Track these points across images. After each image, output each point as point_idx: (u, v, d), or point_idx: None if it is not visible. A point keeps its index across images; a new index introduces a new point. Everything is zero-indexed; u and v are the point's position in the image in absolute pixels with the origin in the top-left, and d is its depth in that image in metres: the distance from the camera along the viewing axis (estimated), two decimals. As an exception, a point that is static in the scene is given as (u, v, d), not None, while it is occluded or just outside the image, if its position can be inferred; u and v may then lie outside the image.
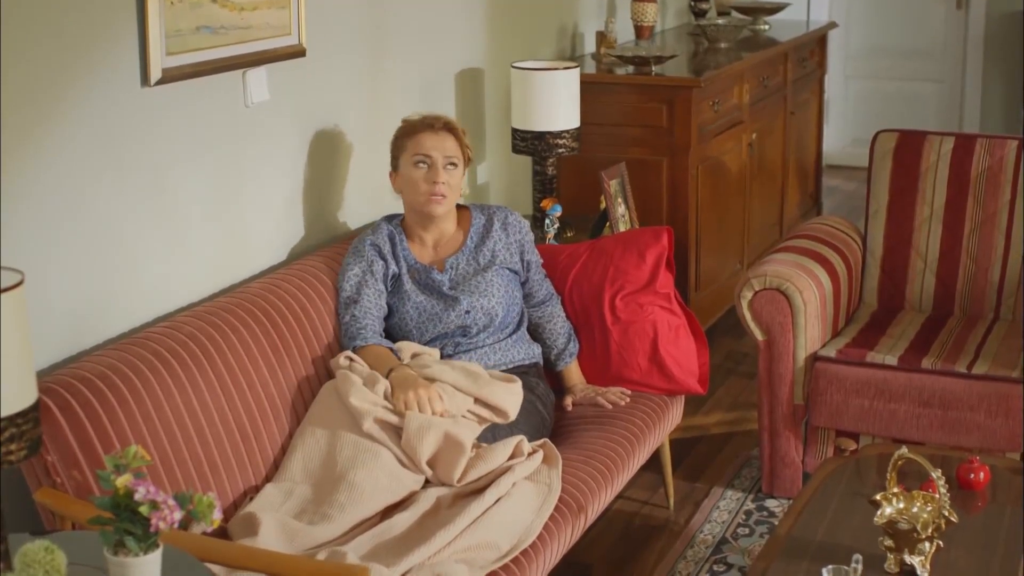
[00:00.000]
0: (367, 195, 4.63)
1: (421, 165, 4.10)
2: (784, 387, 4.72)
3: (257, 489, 3.52)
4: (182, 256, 3.76)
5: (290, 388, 3.72)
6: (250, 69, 3.98)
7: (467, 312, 4.09)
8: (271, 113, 4.10)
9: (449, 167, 4.12)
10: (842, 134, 10.07)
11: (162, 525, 2.45)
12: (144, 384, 3.28)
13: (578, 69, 5.21)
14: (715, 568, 4.39)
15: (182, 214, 3.75)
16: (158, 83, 3.56)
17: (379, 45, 4.64)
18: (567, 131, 5.14)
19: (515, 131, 5.18)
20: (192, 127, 3.76)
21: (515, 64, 5.19)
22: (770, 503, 4.81)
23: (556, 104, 5.12)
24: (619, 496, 4.75)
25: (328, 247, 4.25)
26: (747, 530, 4.62)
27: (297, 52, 4.16)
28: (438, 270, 4.14)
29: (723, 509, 4.78)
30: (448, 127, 4.17)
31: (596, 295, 4.42)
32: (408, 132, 4.16)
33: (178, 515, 2.49)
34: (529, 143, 5.15)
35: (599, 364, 4.41)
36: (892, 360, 4.65)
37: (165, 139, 3.65)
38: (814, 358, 4.71)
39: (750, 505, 4.79)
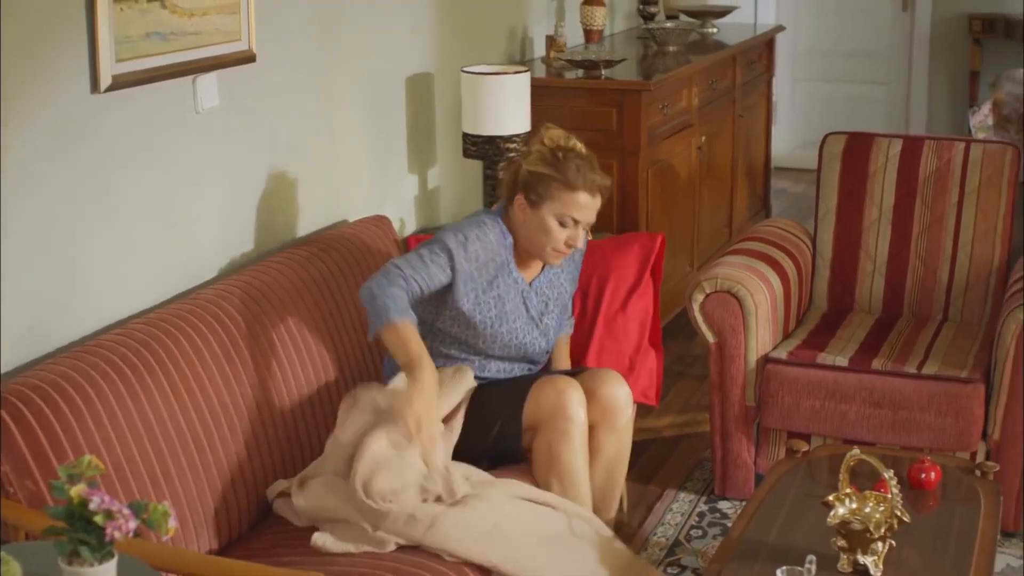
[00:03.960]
0: (318, 201, 4.62)
1: (565, 224, 3.97)
2: (736, 389, 4.74)
3: (213, 496, 3.52)
4: (134, 263, 3.75)
5: (243, 395, 3.71)
6: (200, 75, 3.96)
7: (545, 351, 4.13)
8: (222, 119, 4.09)
9: (587, 226, 4.03)
10: (790, 136, 10.12)
11: (117, 534, 2.44)
12: (97, 392, 3.26)
13: (528, 73, 5.22)
14: (669, 570, 4.40)
15: (134, 221, 3.73)
16: (108, 89, 3.54)
17: (329, 51, 4.63)
18: (518, 135, 5.15)
19: (466, 135, 5.18)
20: (143, 133, 3.74)
21: (465, 69, 5.19)
22: (723, 505, 4.83)
23: (506, 108, 5.12)
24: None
25: (279, 253, 4.24)
26: (700, 532, 4.64)
27: (247, 58, 4.15)
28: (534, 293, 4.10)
29: (676, 511, 4.80)
30: (604, 192, 4.02)
31: (582, 292, 4.54)
32: (568, 185, 3.93)
33: (133, 524, 2.48)
34: (480, 147, 5.15)
35: (573, 356, 4.45)
36: (843, 361, 4.68)
37: (116, 145, 3.64)
38: (765, 360, 4.73)
39: (703, 507, 4.81)
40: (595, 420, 3.98)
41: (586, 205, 3.96)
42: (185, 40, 3.86)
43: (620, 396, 4.04)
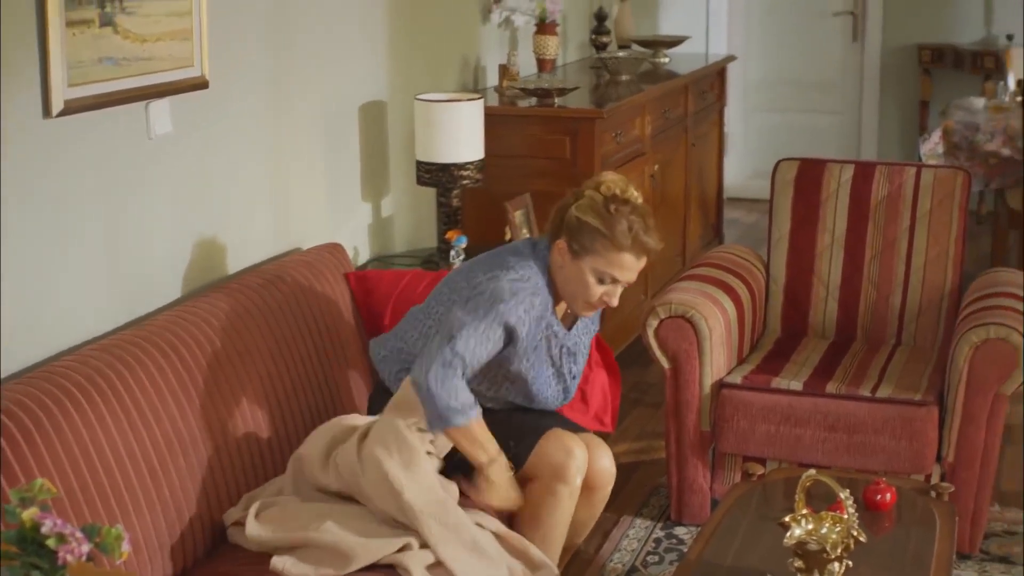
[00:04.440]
0: (272, 229, 4.61)
1: (604, 281, 3.79)
2: (691, 414, 4.74)
3: (167, 522, 3.49)
4: (87, 289, 3.72)
5: (197, 422, 3.68)
6: (153, 101, 3.95)
7: (561, 403, 4.06)
8: (175, 145, 4.07)
9: (626, 285, 3.86)
10: (742, 166, 10.17)
11: (69, 558, 2.41)
12: (50, 418, 3.23)
13: (482, 101, 5.23)
14: (626, 596, 4.40)
15: (87, 246, 3.71)
16: (60, 114, 3.52)
17: (282, 78, 4.62)
18: (471, 163, 5.15)
19: (419, 163, 5.18)
20: (96, 159, 3.72)
21: (419, 96, 5.19)
22: (679, 530, 4.83)
23: (460, 136, 5.13)
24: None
25: (233, 280, 4.22)
26: (657, 558, 4.64)
27: (200, 84, 4.14)
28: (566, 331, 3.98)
29: (632, 537, 4.79)
30: (652, 255, 3.83)
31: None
32: (614, 244, 3.73)
33: (86, 548, 2.46)
34: (434, 175, 5.15)
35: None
36: (797, 385, 4.69)
37: (69, 171, 3.61)
38: (720, 385, 4.74)
39: (659, 533, 4.81)
40: None
41: (630, 267, 3.78)
42: (138, 66, 3.84)
43: (607, 474, 4.04)
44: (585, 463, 3.90)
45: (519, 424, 3.93)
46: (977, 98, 8.25)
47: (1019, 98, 7.33)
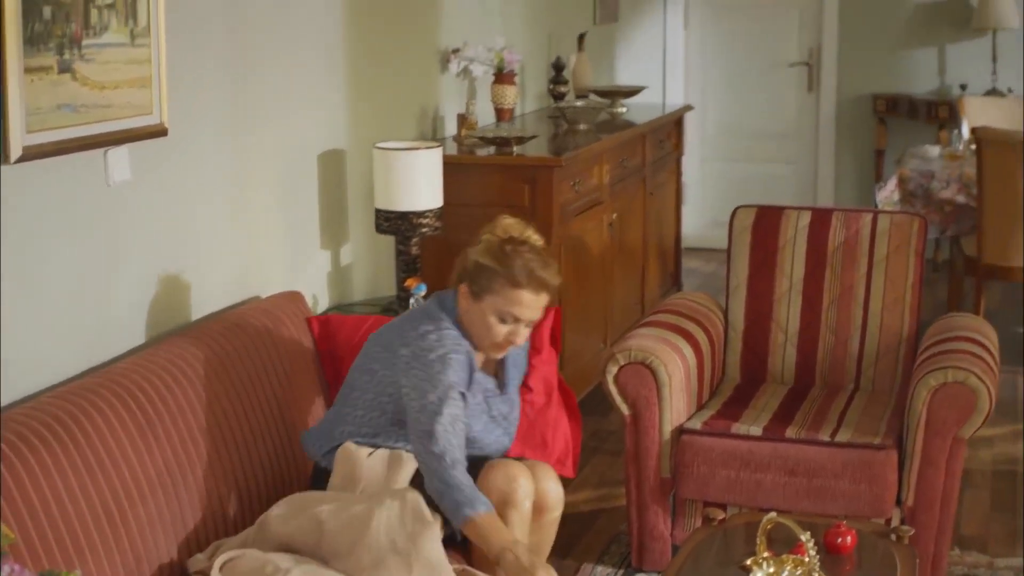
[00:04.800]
0: (231, 276, 4.60)
1: (506, 321, 3.83)
2: (651, 460, 4.75)
3: (126, 570, 3.46)
4: (46, 336, 3.70)
5: (156, 469, 3.66)
6: (112, 148, 3.94)
7: (505, 447, 4.05)
8: (134, 192, 4.07)
9: (530, 324, 3.90)
10: (699, 216, 10.21)
11: (29, 604, 2.40)
12: (8, 466, 3.21)
13: (440, 149, 5.24)
14: (588, 642, 4.38)
15: (45, 293, 3.69)
16: (18, 161, 3.51)
17: (241, 126, 4.63)
18: (430, 211, 5.16)
19: (379, 211, 5.19)
20: (54, 206, 3.71)
21: (378, 144, 5.20)
22: (640, 577, 4.83)
23: (419, 184, 5.14)
24: None
25: (195, 326, 4.21)
26: (618, 604, 4.63)
27: (159, 131, 4.13)
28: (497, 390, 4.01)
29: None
30: (551, 291, 3.88)
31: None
32: (511, 281, 3.79)
33: (45, 593, 2.44)
34: (393, 223, 5.16)
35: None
36: (757, 431, 4.70)
37: (27, 217, 3.60)
38: (680, 431, 4.75)
39: (620, 580, 4.81)
40: None
41: (529, 304, 3.81)
42: (96, 112, 3.84)
43: (554, 495, 4.03)
44: (531, 487, 3.89)
45: None
46: (932, 146, 8.33)
47: (973, 146, 7.39)
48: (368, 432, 3.93)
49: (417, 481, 3.80)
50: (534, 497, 3.92)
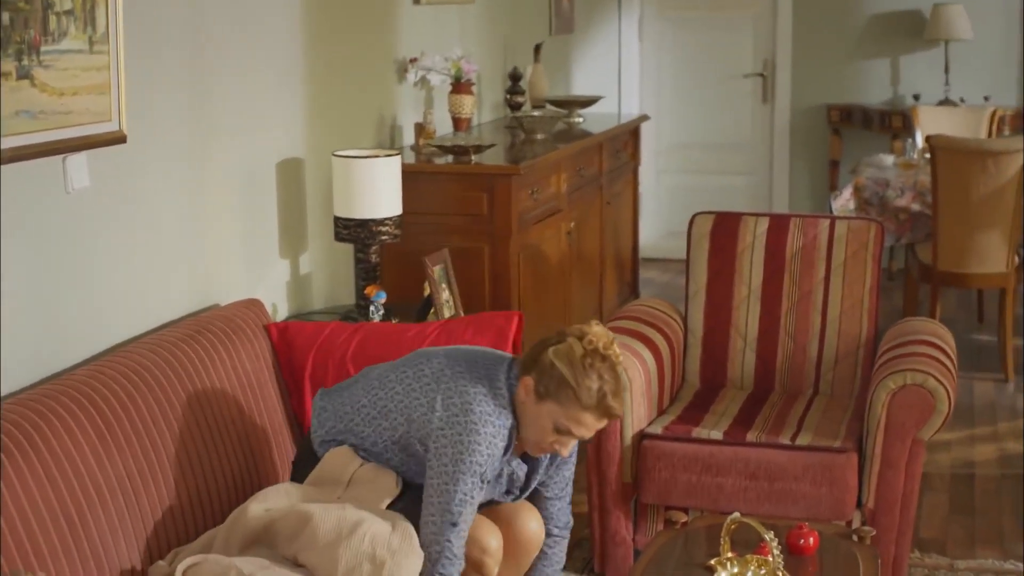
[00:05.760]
0: (190, 284, 4.59)
1: (561, 431, 3.68)
2: (612, 466, 4.75)
3: (86, 577, 3.45)
4: (4, 343, 3.68)
5: (116, 476, 3.64)
6: (70, 155, 3.92)
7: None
8: (92, 200, 4.05)
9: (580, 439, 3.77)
10: (655, 226, 10.24)
11: (-8, 607, 2.38)
12: (-33, 471, 3.19)
13: (399, 156, 5.24)
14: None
15: (4, 300, 3.66)
16: (-23, 166, 3.50)
17: (200, 134, 4.61)
18: (390, 218, 5.16)
19: (338, 219, 5.18)
20: (12, 212, 3.68)
21: (336, 152, 5.20)
22: (603, 582, 4.83)
23: (378, 191, 5.13)
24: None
25: (153, 334, 4.19)
26: (581, 609, 4.63)
27: (118, 138, 4.11)
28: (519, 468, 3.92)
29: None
30: (613, 417, 3.72)
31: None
32: (579, 402, 3.61)
33: (9, 596, 2.42)
34: (352, 231, 5.15)
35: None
36: (717, 435, 4.72)
37: (-15, 224, 3.59)
38: (641, 436, 4.76)
39: (583, 585, 4.81)
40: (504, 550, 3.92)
41: (588, 425, 3.67)
42: (55, 119, 3.82)
43: (536, 539, 4.00)
44: (500, 551, 3.87)
45: None
46: (886, 155, 8.40)
47: (927, 155, 7.44)
48: (382, 461, 3.87)
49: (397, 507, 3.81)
50: (516, 538, 3.93)
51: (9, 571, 3.15)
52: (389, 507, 3.79)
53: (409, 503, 3.79)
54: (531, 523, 3.99)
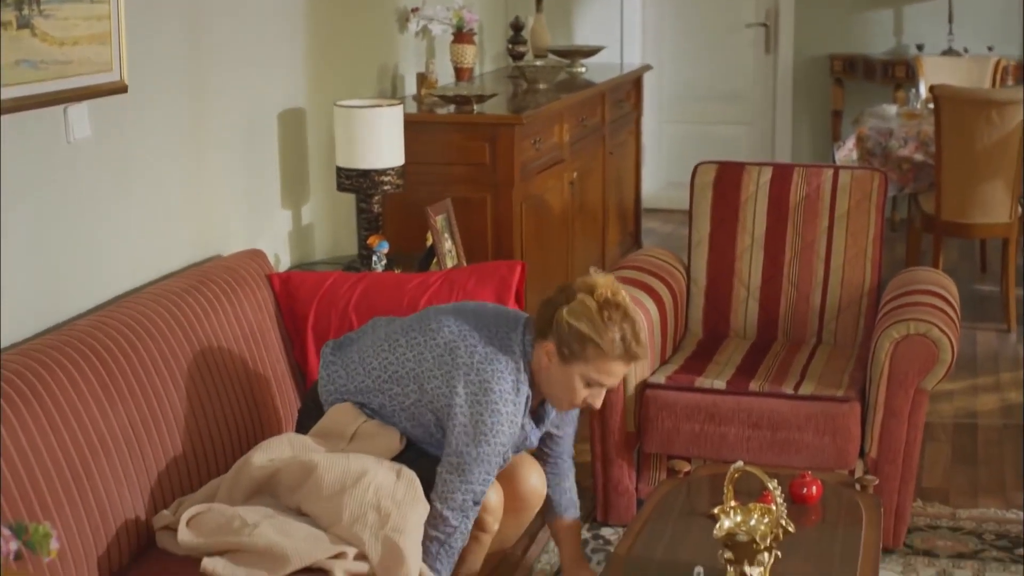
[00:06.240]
0: (192, 235, 4.58)
1: (591, 386, 3.71)
2: (615, 415, 4.75)
3: (92, 527, 3.45)
4: (6, 294, 3.67)
5: (120, 426, 3.64)
6: (71, 105, 3.91)
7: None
8: (93, 150, 4.04)
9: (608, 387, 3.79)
10: (657, 177, 10.21)
11: (-2, 556, 2.38)
12: (-30, 421, 3.19)
13: (401, 106, 5.22)
14: (555, 597, 4.40)
15: (6, 250, 3.66)
16: (-22, 116, 3.49)
17: (201, 84, 4.59)
18: (392, 168, 5.14)
19: (340, 169, 5.17)
20: (13, 163, 3.67)
21: (338, 102, 5.18)
22: (606, 531, 4.83)
23: (380, 141, 5.11)
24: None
25: (155, 285, 4.19)
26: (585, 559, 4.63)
27: (119, 88, 4.10)
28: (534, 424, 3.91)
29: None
30: (640, 360, 3.76)
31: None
32: (606, 354, 3.63)
33: (14, 545, 2.42)
34: (354, 181, 5.14)
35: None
36: (720, 384, 4.72)
37: (-14, 174, 3.58)
38: (644, 385, 4.76)
39: (586, 534, 4.81)
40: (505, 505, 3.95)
41: (617, 374, 3.70)
42: (56, 69, 3.80)
43: (536, 494, 4.01)
44: (501, 507, 3.89)
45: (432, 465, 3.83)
46: (889, 105, 8.36)
47: (931, 105, 7.41)
48: (390, 422, 3.86)
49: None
50: (517, 493, 3.96)
51: (13, 521, 3.15)
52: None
53: (411, 461, 3.79)
54: (532, 477, 3.99)
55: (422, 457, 3.81)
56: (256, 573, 3.39)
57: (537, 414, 3.89)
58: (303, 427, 3.97)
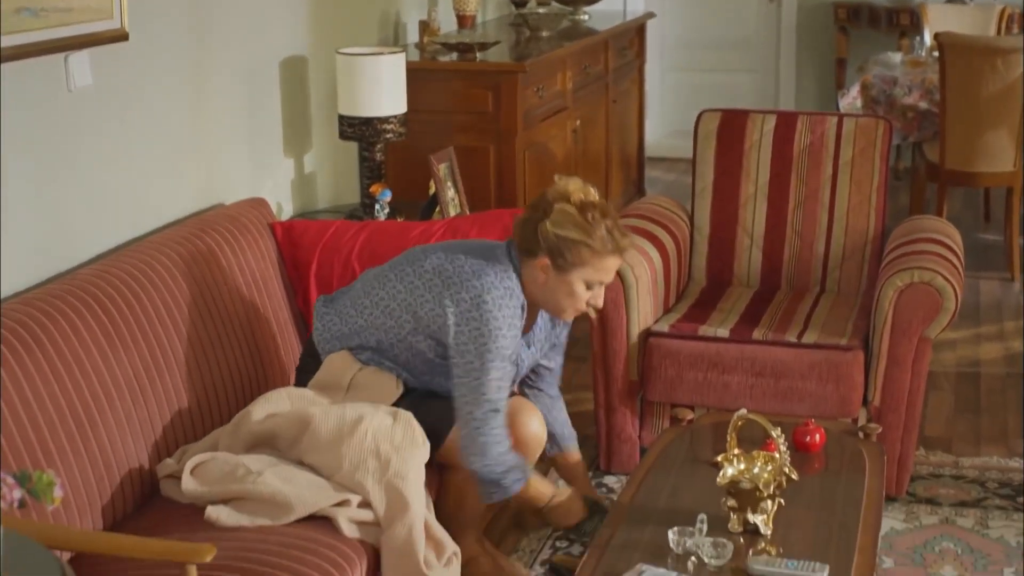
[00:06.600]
0: (194, 183, 4.57)
1: (592, 287, 3.79)
2: (619, 364, 4.75)
3: (95, 475, 3.45)
4: (8, 243, 3.66)
5: (123, 375, 3.64)
6: (72, 53, 3.89)
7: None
8: (95, 98, 4.02)
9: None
10: (660, 125, 10.19)
11: (2, 504, 2.38)
12: (-27, 370, 3.19)
13: (404, 54, 5.20)
14: (557, 544, 4.40)
15: (8, 200, 3.65)
16: (-22, 64, 3.47)
17: (202, 32, 4.57)
18: (394, 116, 5.13)
19: (342, 117, 5.15)
20: (14, 111, 3.66)
21: (340, 50, 5.16)
22: (608, 479, 4.84)
23: (383, 89, 5.10)
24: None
25: (157, 234, 4.18)
26: (587, 507, 4.64)
27: (119, 36, 4.08)
28: (526, 346, 3.96)
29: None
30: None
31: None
32: (599, 253, 3.71)
33: (18, 494, 2.42)
34: (357, 129, 5.12)
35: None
36: (724, 333, 4.71)
37: (-12, 122, 3.56)
38: (647, 334, 4.75)
39: (589, 482, 4.81)
40: None
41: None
42: (56, 16, 3.79)
43: (537, 440, 4.00)
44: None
45: (433, 407, 3.85)
46: (894, 53, 8.33)
47: (935, 53, 7.38)
48: (388, 358, 3.89)
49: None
50: (517, 438, 3.94)
51: (17, 470, 3.15)
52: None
53: (410, 406, 3.80)
54: (532, 423, 3.99)
55: (422, 404, 3.82)
56: (260, 521, 3.40)
57: (526, 338, 3.92)
58: (301, 381, 3.99)
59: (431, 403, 3.84)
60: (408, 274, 3.83)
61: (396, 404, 3.82)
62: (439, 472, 3.88)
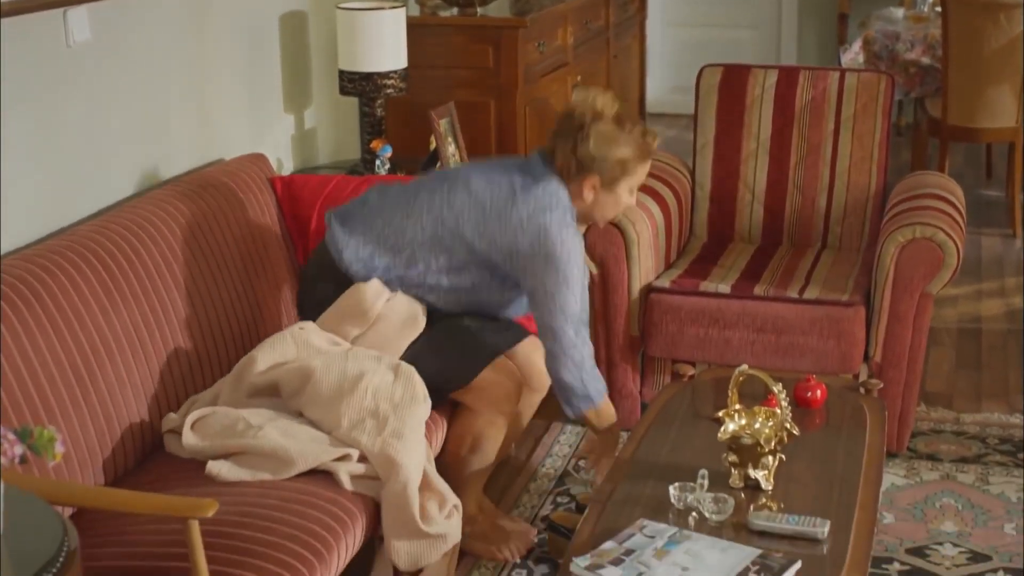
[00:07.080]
0: (194, 139, 4.55)
1: (634, 192, 3.99)
2: (620, 319, 4.75)
3: (97, 430, 3.45)
4: (8, 199, 3.65)
5: (123, 329, 3.63)
6: (71, 8, 3.86)
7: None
8: (94, 54, 4.00)
9: None
10: (661, 80, 10.14)
11: (3, 461, 2.38)
12: (-26, 325, 3.18)
13: (404, 8, 5.17)
14: (558, 499, 4.41)
15: (7, 155, 3.63)
16: (-24, 19, 3.45)
17: (202, -15, 4.56)
18: (395, 71, 5.11)
19: (342, 72, 5.13)
20: (13, 67, 3.64)
21: (341, 5, 5.13)
22: (609, 435, 4.84)
23: (383, 44, 5.08)
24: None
25: (158, 189, 4.17)
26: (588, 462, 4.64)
27: (119, -10, 4.06)
28: None
29: (563, 443, 4.80)
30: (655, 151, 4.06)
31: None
32: (642, 159, 3.91)
33: (19, 449, 2.42)
34: (357, 84, 5.10)
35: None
36: (725, 288, 4.71)
37: (-14, 77, 3.54)
38: (648, 289, 4.75)
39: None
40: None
41: (646, 172, 3.99)
42: (55, -30, 3.77)
43: (546, 376, 4.05)
44: (518, 392, 4.00)
45: (465, 343, 3.94)
46: (896, 8, 8.29)
47: (938, 8, 7.35)
48: (430, 285, 3.95)
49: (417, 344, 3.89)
50: (528, 375, 4.08)
51: (18, 425, 3.15)
52: (411, 343, 3.89)
53: (428, 339, 3.88)
54: (541, 361, 4.01)
55: (449, 339, 3.93)
56: (261, 475, 3.41)
57: None
58: (310, 298, 4.00)
59: (463, 337, 3.93)
60: (456, 201, 3.89)
61: (423, 333, 3.89)
62: (452, 416, 3.92)
